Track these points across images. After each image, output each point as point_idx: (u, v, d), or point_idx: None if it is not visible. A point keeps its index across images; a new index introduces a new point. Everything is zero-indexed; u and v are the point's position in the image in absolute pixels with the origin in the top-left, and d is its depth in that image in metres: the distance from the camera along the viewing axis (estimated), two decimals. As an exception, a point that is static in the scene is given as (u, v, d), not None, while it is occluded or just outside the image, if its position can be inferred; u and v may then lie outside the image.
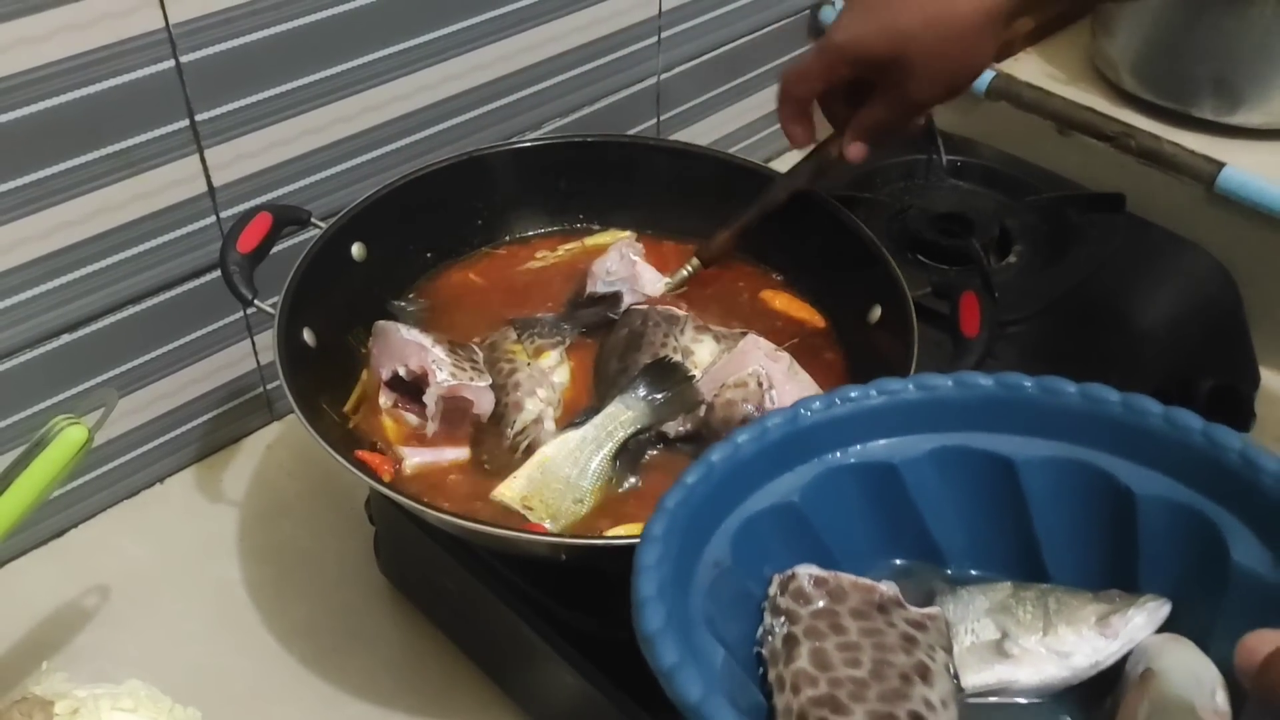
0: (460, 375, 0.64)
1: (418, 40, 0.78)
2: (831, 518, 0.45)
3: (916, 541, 0.47)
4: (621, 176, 0.78)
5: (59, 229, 0.67)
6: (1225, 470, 0.41)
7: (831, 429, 0.45)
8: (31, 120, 0.63)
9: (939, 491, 0.46)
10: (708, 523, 0.43)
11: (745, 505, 0.44)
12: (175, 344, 0.77)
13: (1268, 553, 0.40)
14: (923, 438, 0.45)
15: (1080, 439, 0.44)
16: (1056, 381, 0.44)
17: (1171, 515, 0.42)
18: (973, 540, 0.46)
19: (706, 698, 0.35)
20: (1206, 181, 0.90)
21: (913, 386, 0.45)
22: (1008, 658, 0.42)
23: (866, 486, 0.46)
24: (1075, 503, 0.44)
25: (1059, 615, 0.43)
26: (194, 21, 0.67)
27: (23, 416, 0.72)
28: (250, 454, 0.83)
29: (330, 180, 0.79)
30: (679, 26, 0.96)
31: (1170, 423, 0.42)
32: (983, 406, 0.45)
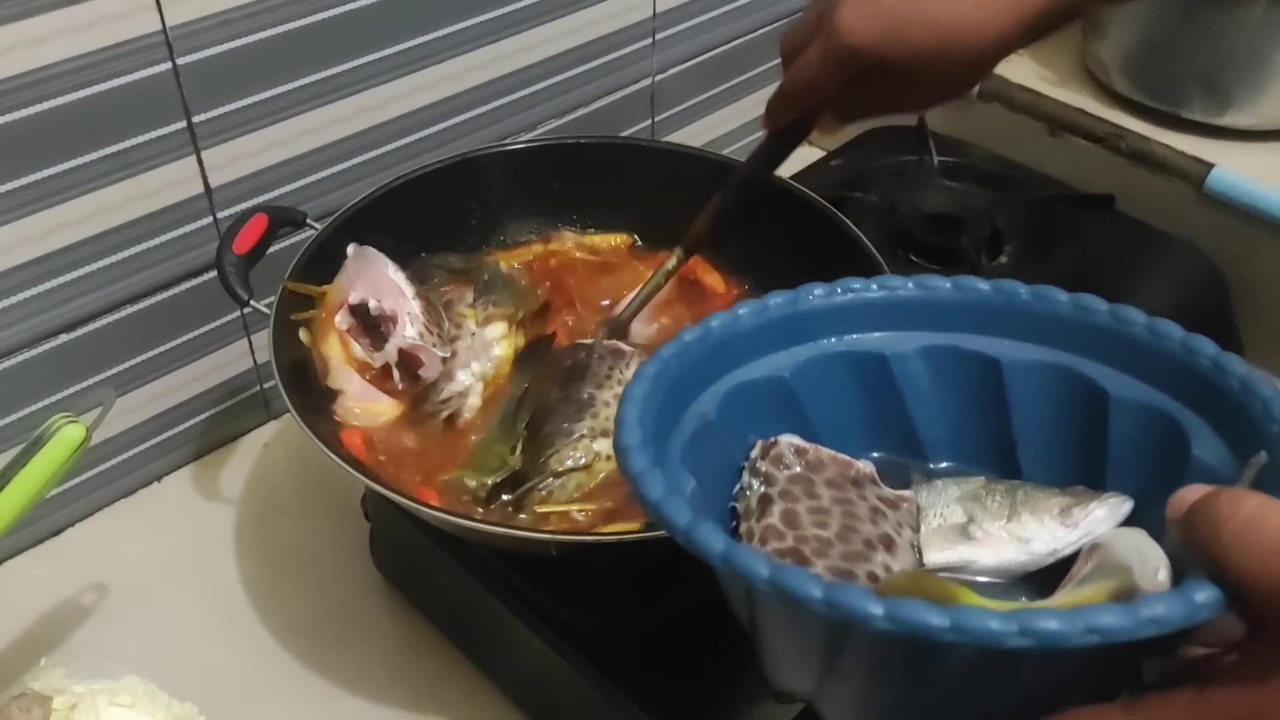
0: (427, 337, 0.65)
1: (413, 42, 0.79)
2: (819, 399, 0.47)
3: (899, 433, 0.48)
4: (616, 178, 0.79)
5: (57, 229, 0.68)
6: (1197, 374, 0.42)
7: (829, 315, 0.47)
8: (30, 122, 0.64)
9: (926, 386, 0.47)
10: (699, 380, 0.45)
11: (738, 372, 0.46)
12: (172, 343, 0.77)
13: (1227, 450, 0.41)
14: (916, 334, 0.47)
15: (1067, 345, 0.46)
16: (1049, 290, 0.46)
17: (1142, 418, 0.44)
18: (953, 434, 0.48)
19: (668, 496, 0.37)
20: (1196, 182, 0.91)
21: (912, 285, 0.47)
22: (970, 540, 0.44)
23: (856, 374, 0.47)
24: (1054, 404, 0.46)
25: (1024, 505, 0.44)
26: (191, 24, 0.68)
27: (20, 415, 0.72)
28: (247, 453, 0.84)
29: (326, 181, 0.79)
30: (674, 28, 0.96)
31: (1152, 330, 0.44)
32: (977, 309, 0.46)
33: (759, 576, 0.34)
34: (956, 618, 0.31)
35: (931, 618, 0.31)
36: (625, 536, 0.55)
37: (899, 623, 0.31)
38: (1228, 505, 0.33)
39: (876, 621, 0.32)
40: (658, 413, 0.42)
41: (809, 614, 0.33)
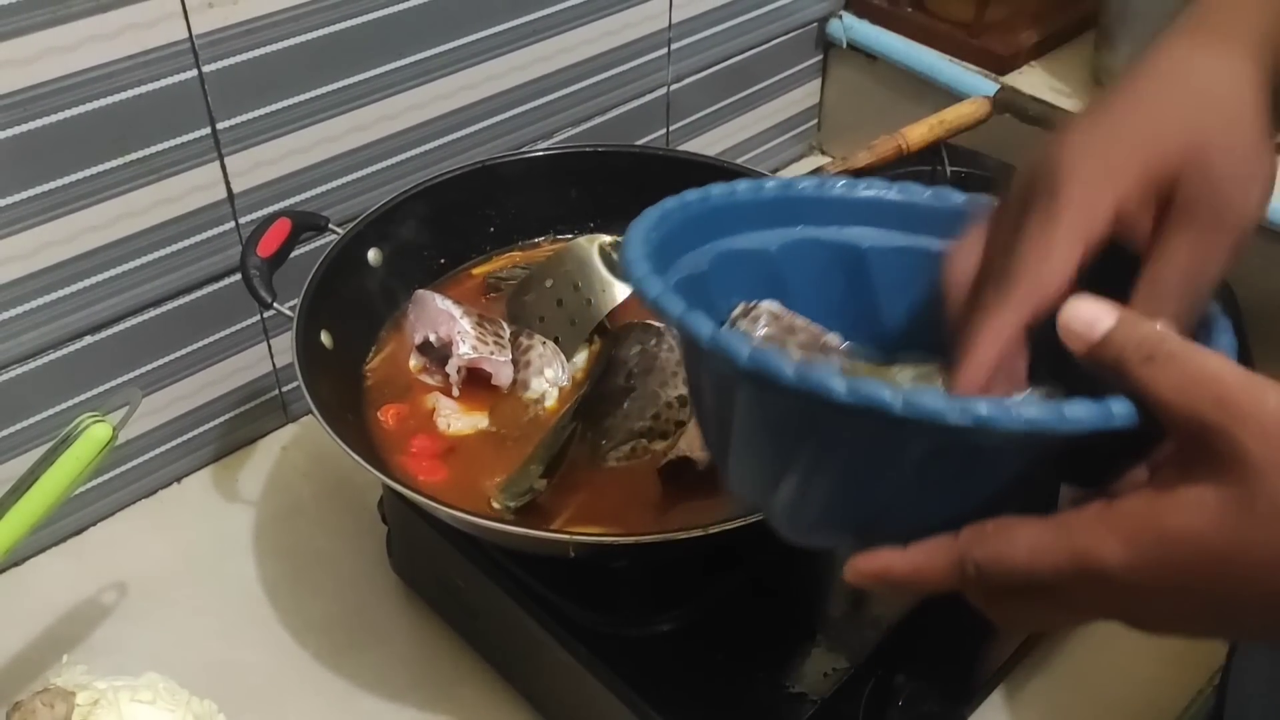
0: (481, 348, 0.67)
1: (433, 51, 0.80)
2: (799, 278, 0.50)
3: (868, 322, 0.51)
4: (631, 185, 0.79)
5: (83, 234, 0.69)
6: None
7: (819, 205, 0.50)
8: (58, 127, 0.65)
9: (897, 282, 0.51)
10: (695, 236, 0.48)
11: (730, 239, 0.49)
12: (194, 346, 0.79)
13: None
14: (896, 234, 0.50)
15: None
16: None
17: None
18: (919, 329, 0.51)
19: (666, 292, 0.40)
20: (1208, 194, 0.91)
21: (896, 191, 0.50)
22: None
23: (836, 261, 0.51)
24: None
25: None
26: (216, 32, 0.69)
27: (45, 415, 0.73)
28: (266, 455, 0.85)
29: (346, 187, 0.80)
30: (689, 38, 0.97)
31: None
32: (954, 217, 0.49)
33: (739, 355, 0.37)
34: (909, 396, 0.34)
35: (886, 394, 0.35)
36: (643, 539, 0.56)
37: (858, 396, 0.35)
38: (1155, 338, 0.36)
39: (839, 395, 0.35)
40: (657, 246, 0.45)
41: (780, 392, 0.36)
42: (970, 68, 1.02)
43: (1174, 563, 0.34)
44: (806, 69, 1.11)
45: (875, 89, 1.09)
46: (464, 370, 0.67)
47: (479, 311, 0.70)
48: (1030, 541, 0.36)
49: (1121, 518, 0.35)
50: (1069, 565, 0.35)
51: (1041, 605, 0.37)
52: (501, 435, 0.67)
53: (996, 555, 0.37)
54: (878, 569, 0.39)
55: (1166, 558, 0.34)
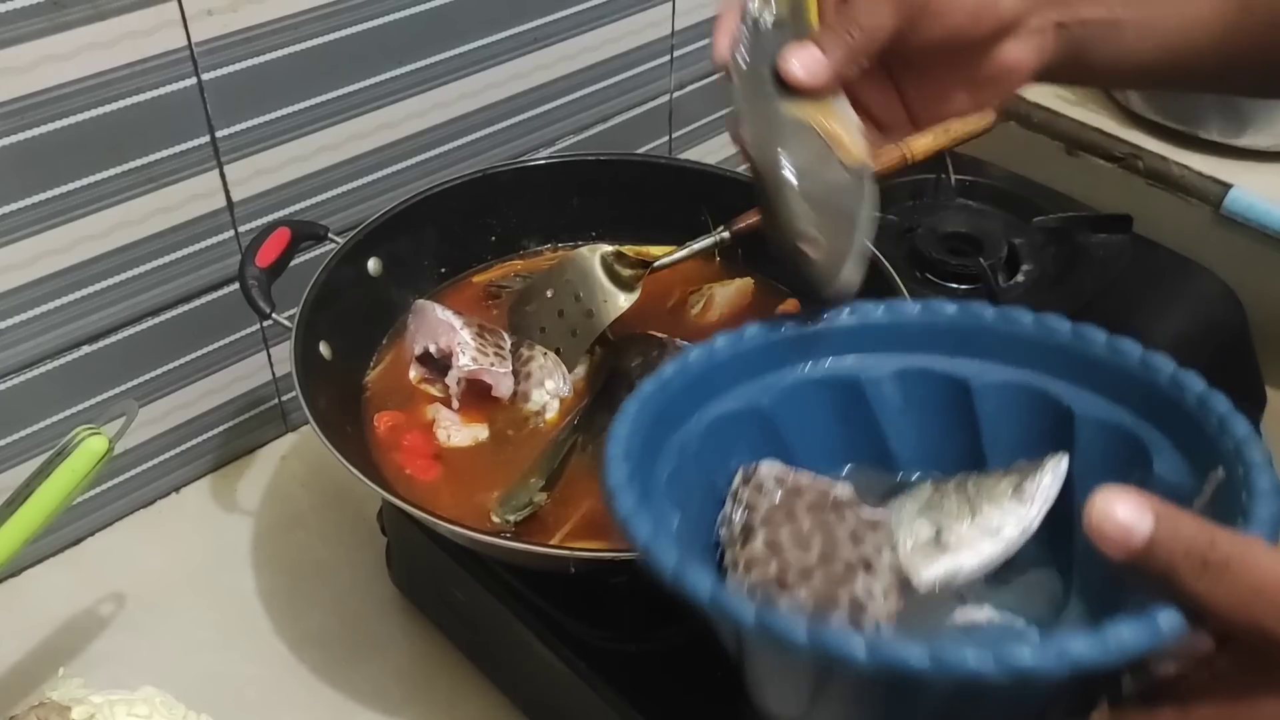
0: (481, 360, 0.67)
1: (433, 59, 0.79)
2: (797, 424, 0.48)
3: (873, 451, 0.50)
4: (634, 194, 0.79)
5: (80, 243, 0.69)
6: (1156, 391, 0.44)
7: (805, 343, 0.48)
8: (56, 136, 0.65)
9: (899, 407, 0.49)
10: (680, 413, 0.46)
11: (716, 403, 0.47)
12: (192, 356, 0.78)
13: (1186, 466, 0.42)
14: (889, 357, 0.49)
15: (1033, 364, 0.47)
16: (1014, 310, 0.47)
17: (1105, 434, 0.45)
18: (925, 451, 0.49)
19: (655, 538, 0.38)
20: (1214, 203, 0.91)
21: (883, 310, 0.48)
22: (947, 549, 0.45)
23: (832, 398, 0.49)
24: (1021, 421, 0.48)
25: (979, 497, 0.45)
26: (216, 40, 0.68)
27: (43, 426, 0.73)
28: (265, 465, 0.84)
29: (346, 195, 0.80)
30: (691, 45, 0.97)
31: (1112, 348, 0.45)
32: (946, 332, 0.48)
33: (745, 619, 0.35)
34: (935, 654, 0.32)
35: (911, 656, 0.32)
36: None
37: (880, 661, 0.32)
38: (1203, 543, 0.34)
39: (859, 661, 0.33)
40: (641, 446, 0.43)
41: (794, 653, 0.34)
42: (974, 75, 1.01)
43: None
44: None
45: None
46: (464, 382, 0.67)
47: (480, 322, 0.69)
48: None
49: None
50: None
51: None
52: (502, 447, 0.66)
53: None
54: None
55: None
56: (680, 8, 0.94)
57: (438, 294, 0.76)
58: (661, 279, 0.73)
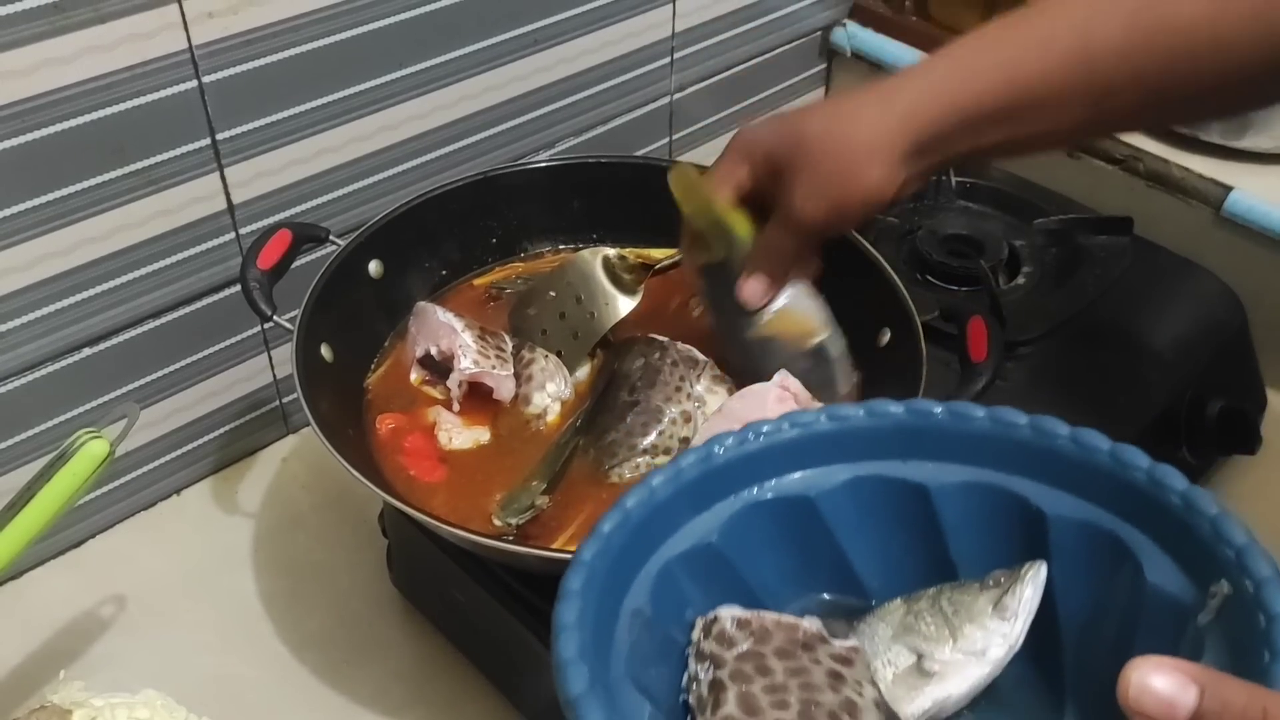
0: (483, 363, 0.66)
1: (433, 61, 0.79)
2: (751, 555, 0.45)
3: (836, 573, 0.47)
4: (634, 196, 0.79)
5: (81, 245, 0.69)
6: (1134, 489, 0.41)
7: (747, 465, 0.45)
8: (57, 139, 0.65)
9: (856, 521, 0.46)
10: (626, 571, 0.42)
11: (663, 549, 0.43)
12: (193, 358, 0.78)
13: (1181, 573, 0.40)
14: (838, 468, 0.45)
15: (993, 462, 0.44)
16: (965, 406, 0.45)
17: (1083, 536, 0.43)
18: (891, 567, 0.46)
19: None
20: (1214, 205, 0.90)
21: (825, 418, 0.45)
22: (931, 676, 0.43)
23: (784, 521, 0.45)
24: (989, 526, 0.45)
25: (958, 616, 0.43)
26: (216, 43, 0.68)
27: (45, 428, 0.73)
28: (265, 467, 0.84)
29: (347, 198, 0.80)
30: (692, 47, 0.97)
31: (1077, 443, 0.42)
32: (895, 434, 0.45)
33: None
34: None
35: None
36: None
37: None
38: (1255, 714, 0.32)
39: None
40: (594, 619, 0.39)
41: None
42: (975, 77, 1.01)
43: None
44: (810, 77, 1.10)
45: (879, 98, 1.08)
46: (465, 385, 0.67)
47: (481, 324, 0.69)
48: None
49: None
50: None
51: None
52: (503, 450, 0.66)
53: None
54: None
55: None
56: (681, 10, 0.94)
57: (439, 296, 0.76)
58: (663, 281, 0.73)
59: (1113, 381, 0.81)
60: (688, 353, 0.68)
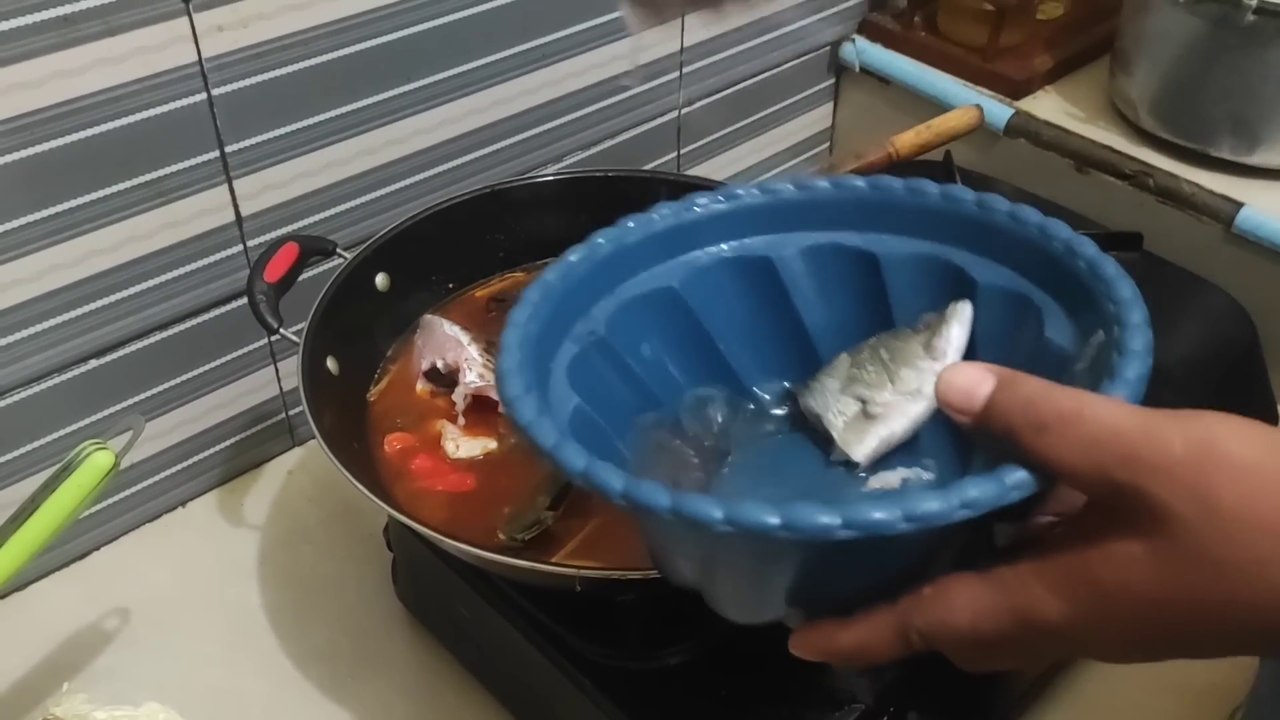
0: (488, 376, 0.66)
1: (441, 75, 0.80)
2: (710, 305, 0.49)
3: (787, 327, 0.50)
4: (640, 209, 0.79)
5: (89, 256, 0.69)
6: (1052, 256, 0.44)
7: (714, 223, 0.48)
8: (66, 151, 0.65)
9: (810, 284, 0.49)
10: (587, 295, 0.46)
11: (628, 285, 0.47)
12: (200, 369, 0.78)
13: (1073, 327, 0.43)
14: (799, 235, 0.49)
15: (941, 236, 0.48)
16: (921, 183, 0.48)
17: (1004, 301, 0.46)
18: (839, 328, 0.50)
19: (561, 443, 0.38)
20: (1225, 221, 0.90)
21: (793, 186, 0.49)
22: (875, 419, 0.46)
23: (744, 278, 0.49)
24: (929, 292, 0.48)
25: (894, 361, 0.46)
26: (226, 56, 0.69)
27: (51, 439, 0.73)
28: (271, 479, 0.84)
29: (354, 210, 0.80)
30: (700, 62, 0.97)
31: (1013, 217, 0.45)
32: (856, 207, 0.48)
33: (614, 491, 0.36)
34: (787, 516, 0.33)
35: (766, 517, 0.34)
36: (650, 573, 0.55)
37: (737, 524, 0.34)
38: (1041, 400, 0.35)
39: (716, 524, 0.34)
40: (541, 333, 0.43)
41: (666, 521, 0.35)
42: (984, 92, 1.01)
43: (1115, 612, 0.34)
44: (819, 92, 1.10)
45: (888, 112, 1.08)
46: (470, 398, 0.66)
47: (487, 337, 0.69)
48: (970, 604, 0.36)
49: (1056, 573, 0.35)
50: (1012, 624, 0.35)
51: (998, 655, 0.37)
52: (508, 463, 0.66)
53: (939, 621, 0.36)
54: (821, 645, 0.39)
55: (1107, 608, 0.34)
56: (689, 25, 0.94)
57: (444, 307, 0.76)
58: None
59: (1122, 398, 0.80)
60: None
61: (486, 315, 0.76)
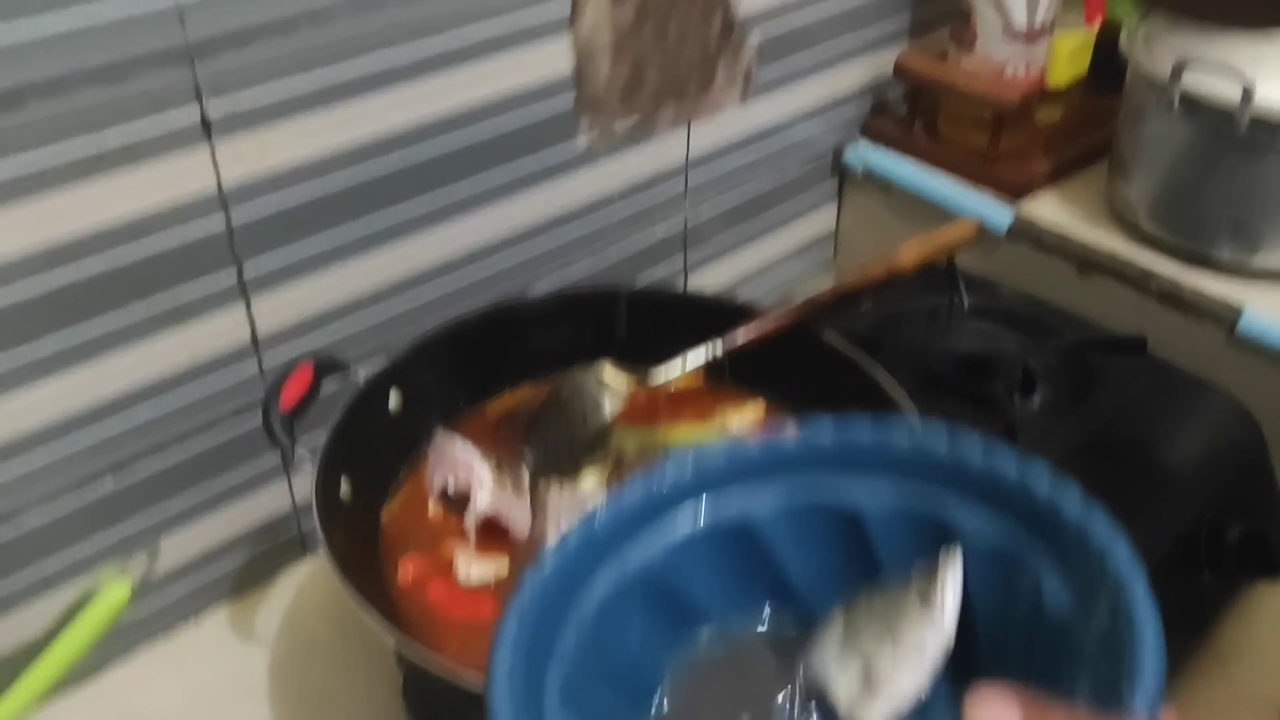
0: (500, 498, 0.67)
1: (454, 193, 0.81)
2: (692, 579, 0.47)
3: (777, 589, 0.48)
4: (649, 323, 0.80)
5: (107, 379, 0.70)
6: (1036, 507, 0.42)
7: (682, 489, 0.47)
8: (88, 278, 0.66)
9: (791, 544, 0.48)
10: (572, 583, 0.44)
11: (604, 576, 0.45)
12: (214, 485, 0.79)
13: (1071, 591, 0.41)
14: (772, 485, 0.47)
15: (919, 475, 0.46)
16: (892, 428, 0.47)
17: (996, 562, 0.44)
18: (825, 580, 0.48)
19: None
20: (1227, 325, 0.91)
21: (758, 445, 0.47)
22: (881, 681, 0.44)
23: (725, 547, 0.47)
24: (917, 546, 0.46)
25: (891, 615, 0.45)
26: (246, 182, 0.70)
27: (65, 557, 0.73)
28: (283, 593, 0.84)
29: (367, 324, 0.81)
30: (707, 171, 0.99)
31: (990, 464, 0.44)
32: (829, 453, 0.47)
33: None
34: None
35: None
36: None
37: None
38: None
39: None
40: (527, 656, 0.41)
41: None
42: (985, 195, 1.03)
43: None
44: (823, 196, 1.12)
45: (892, 215, 1.10)
46: (481, 519, 0.67)
47: (498, 455, 0.70)
48: None
49: None
50: None
51: None
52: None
53: None
54: None
55: None
56: (694, 136, 0.96)
57: (455, 422, 0.77)
58: (675, 406, 0.74)
59: (1130, 506, 0.79)
60: None
61: (497, 430, 0.77)
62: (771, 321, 0.76)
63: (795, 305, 0.77)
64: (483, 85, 0.79)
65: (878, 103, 1.11)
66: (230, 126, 0.68)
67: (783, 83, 1.01)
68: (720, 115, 0.96)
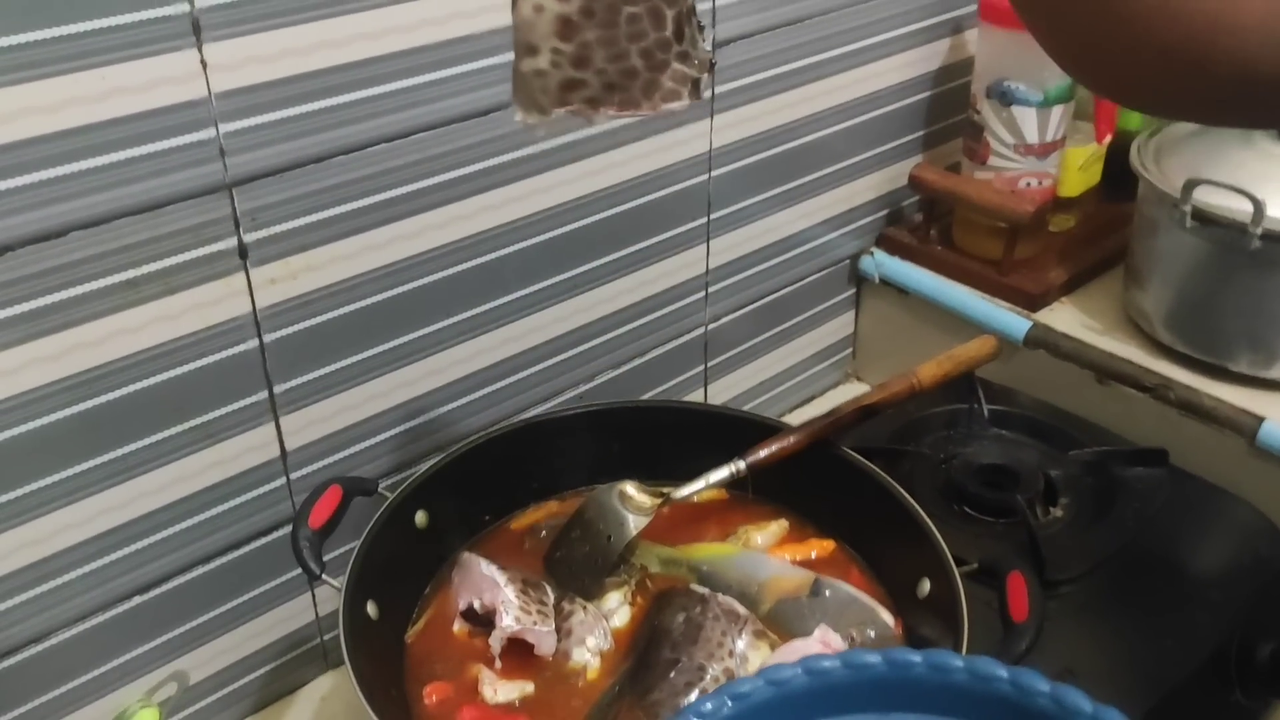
0: (525, 619, 0.67)
1: (479, 309, 0.83)
2: None
3: None
4: (671, 438, 0.81)
5: (137, 499, 0.71)
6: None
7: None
8: (122, 401, 0.68)
9: None
10: None
11: None
12: (239, 600, 0.79)
13: None
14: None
15: (973, 713, 0.45)
16: (944, 657, 0.46)
17: None
18: None
19: None
20: (1248, 435, 0.91)
21: (802, 671, 0.46)
22: None
23: None
24: None
25: None
26: (277, 305, 0.72)
27: (93, 675, 0.73)
28: (305, 705, 0.84)
29: (394, 440, 0.82)
30: (726, 281, 1.00)
31: (1058, 702, 0.43)
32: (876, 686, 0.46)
33: None
34: None
35: None
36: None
37: None
38: None
39: None
40: None
41: None
42: (1001, 304, 1.04)
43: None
44: (841, 302, 1.14)
45: (909, 321, 1.11)
46: (506, 640, 0.67)
47: (524, 576, 0.70)
48: None
49: None
50: None
51: None
52: (547, 706, 0.66)
53: None
54: None
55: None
56: (715, 248, 0.98)
57: (480, 541, 0.77)
58: (698, 522, 0.74)
59: (1158, 623, 0.80)
60: (729, 606, 0.68)
61: (521, 547, 0.77)
62: (794, 438, 0.77)
63: (818, 422, 0.78)
64: (512, 207, 0.81)
65: (893, 212, 1.13)
66: (265, 253, 0.70)
67: (801, 194, 1.03)
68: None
